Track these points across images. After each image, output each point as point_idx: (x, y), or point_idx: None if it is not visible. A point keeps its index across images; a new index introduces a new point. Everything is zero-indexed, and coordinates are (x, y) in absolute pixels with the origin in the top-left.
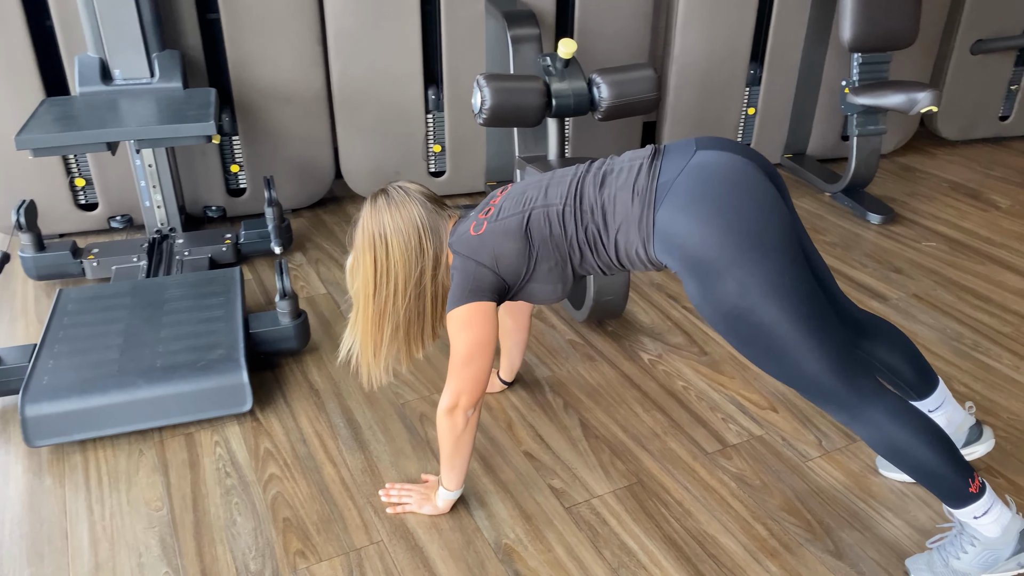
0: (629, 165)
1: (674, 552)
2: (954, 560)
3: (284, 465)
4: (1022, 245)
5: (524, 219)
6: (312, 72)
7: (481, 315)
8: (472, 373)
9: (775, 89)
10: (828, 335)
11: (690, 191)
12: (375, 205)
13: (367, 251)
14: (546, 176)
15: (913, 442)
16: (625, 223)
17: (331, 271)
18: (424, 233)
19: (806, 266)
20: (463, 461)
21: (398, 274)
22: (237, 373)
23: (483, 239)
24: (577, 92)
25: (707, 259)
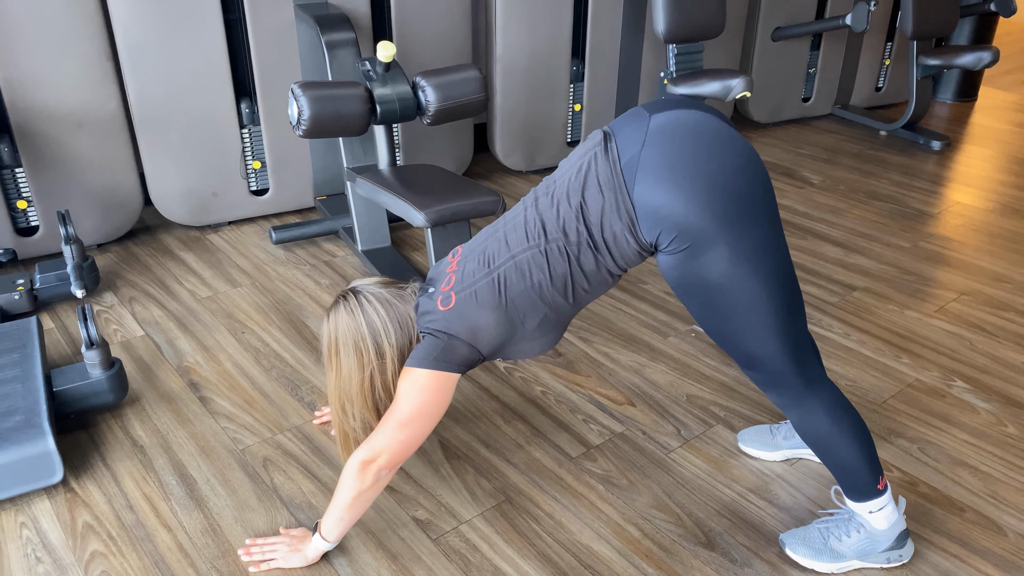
0: (580, 164)
1: (550, 569)
2: (835, 540)
3: (108, 539)
4: (836, 217)
5: (496, 281)
6: (104, 91)
7: (440, 385)
8: (406, 436)
9: (598, 84)
10: (797, 316)
11: (661, 158)
12: (330, 318)
13: (331, 367)
14: (499, 224)
15: (840, 438)
16: (606, 220)
17: (148, 310)
18: (385, 329)
19: (782, 238)
20: (355, 517)
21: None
22: (40, 440)
23: (456, 312)
24: (402, 96)
25: (698, 225)
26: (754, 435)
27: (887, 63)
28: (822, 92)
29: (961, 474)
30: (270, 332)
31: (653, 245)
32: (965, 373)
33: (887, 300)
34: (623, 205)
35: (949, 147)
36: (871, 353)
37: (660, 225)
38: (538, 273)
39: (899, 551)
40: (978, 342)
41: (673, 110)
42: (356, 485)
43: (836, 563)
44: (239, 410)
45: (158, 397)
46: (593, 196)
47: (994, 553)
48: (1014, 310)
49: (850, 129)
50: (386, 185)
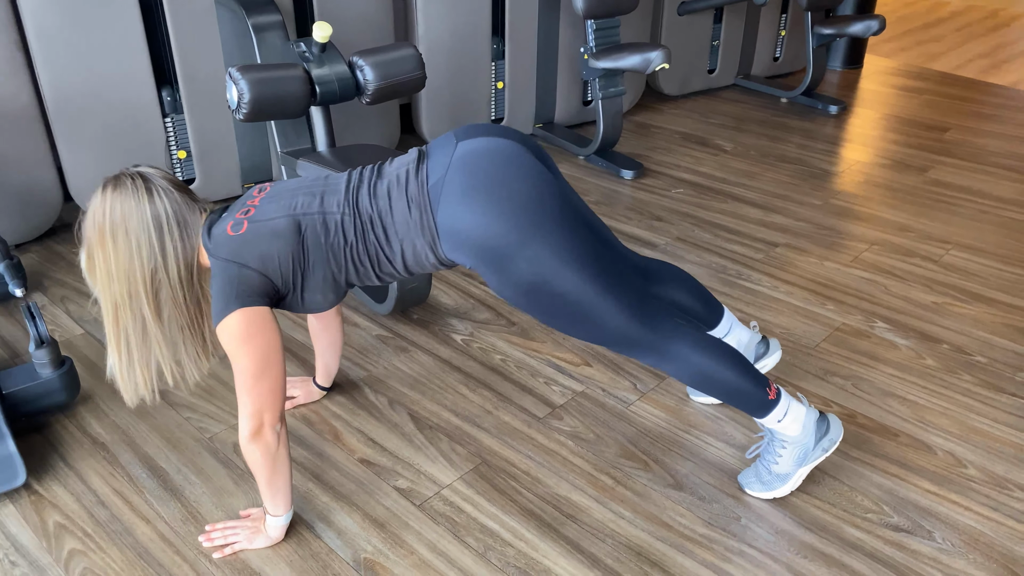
0: (397, 174)
1: (534, 522)
2: (773, 465)
3: (85, 536)
4: (751, 180)
5: (296, 223)
6: (14, 82)
7: (256, 320)
8: (268, 385)
9: (519, 62)
10: (622, 289)
11: (462, 184)
12: (107, 193)
13: (98, 248)
14: (317, 182)
15: (716, 367)
16: (408, 234)
17: (83, 307)
18: (167, 226)
19: (585, 228)
20: (285, 482)
21: (137, 274)
22: (0, 444)
23: (245, 239)
24: (340, 77)
25: (496, 245)
26: None
27: (783, 34)
28: (725, 64)
29: (892, 404)
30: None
31: (451, 261)
32: (884, 315)
33: (807, 253)
34: (427, 225)
35: (845, 111)
36: (799, 302)
37: (460, 246)
38: (339, 237)
39: (828, 436)
40: (891, 286)
41: (479, 138)
42: (265, 454)
43: (786, 483)
44: (199, 400)
45: (111, 394)
46: (401, 209)
47: (928, 470)
48: (919, 256)
49: (753, 98)
50: (334, 165)
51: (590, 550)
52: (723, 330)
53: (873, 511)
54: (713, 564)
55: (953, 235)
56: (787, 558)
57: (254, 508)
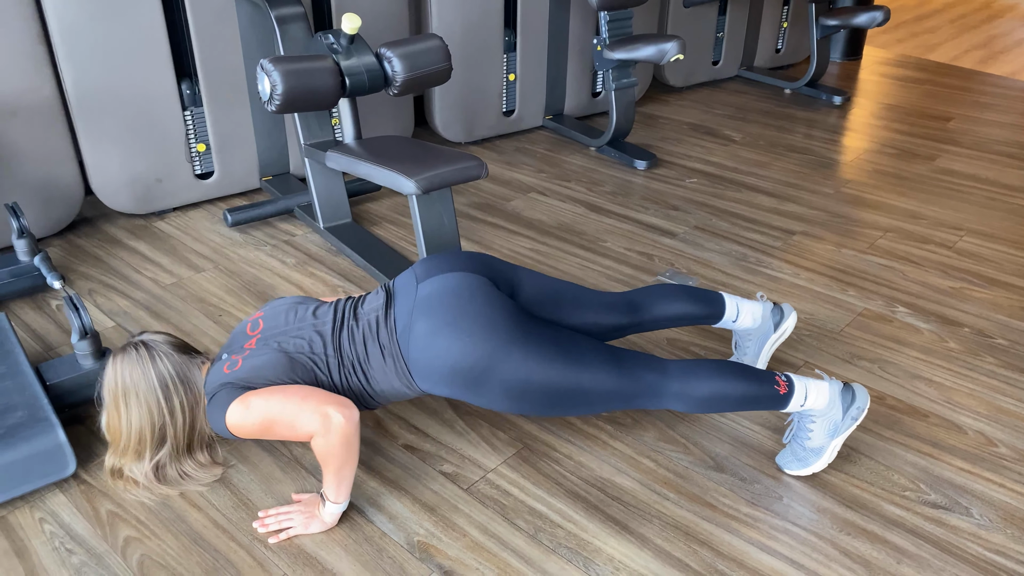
0: (368, 320)
1: (581, 504)
2: (807, 441)
3: (139, 523)
4: (762, 170)
5: (288, 358)
6: (38, 77)
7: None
8: (301, 397)
9: (530, 54)
10: (592, 361)
11: (426, 327)
12: (117, 363)
13: (115, 410)
14: (306, 324)
15: (713, 389)
16: (385, 378)
17: (112, 300)
18: (175, 386)
19: (541, 327)
20: (353, 470)
21: (147, 430)
22: (51, 434)
23: (237, 374)
24: (369, 68)
25: (467, 372)
26: None
27: (784, 26)
28: (729, 55)
29: (919, 386)
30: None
31: (429, 392)
32: (904, 300)
33: (824, 241)
34: (401, 370)
35: (848, 101)
36: (820, 288)
37: (436, 380)
38: (328, 376)
39: (855, 405)
40: (909, 272)
41: (435, 276)
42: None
43: (821, 456)
44: None
45: None
46: (376, 356)
47: (960, 449)
48: (933, 242)
49: (757, 89)
50: (364, 156)
51: (639, 530)
52: (732, 314)
53: (910, 489)
54: (759, 542)
55: (965, 222)
56: (831, 535)
57: (305, 493)
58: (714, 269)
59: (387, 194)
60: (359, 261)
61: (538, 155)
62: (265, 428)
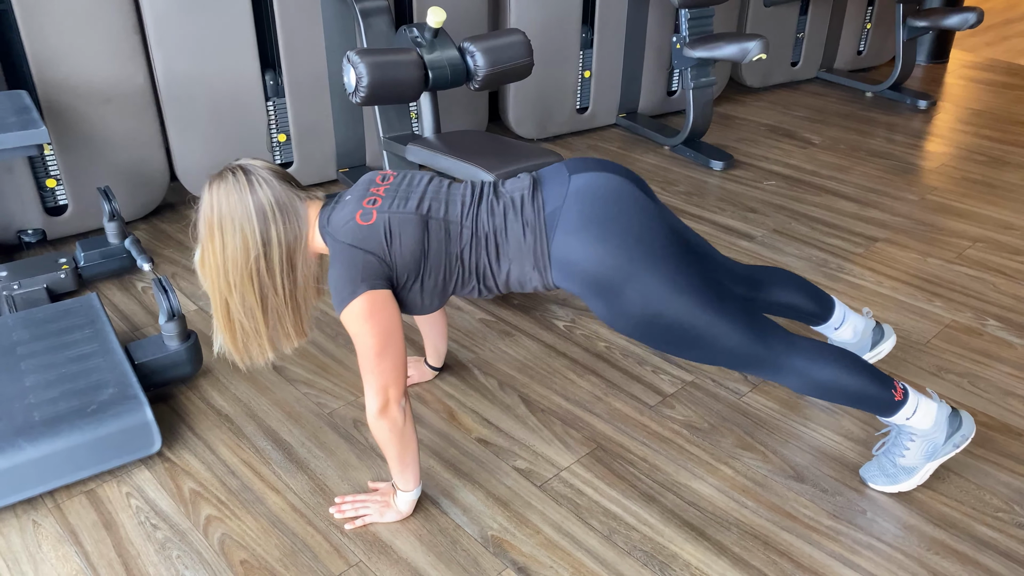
0: (512, 196)
1: (656, 507)
2: (900, 458)
3: (219, 503)
4: (842, 174)
5: (424, 223)
6: (131, 65)
7: (379, 302)
8: (391, 362)
9: (606, 51)
10: (731, 310)
11: (578, 217)
12: (213, 189)
13: (208, 242)
14: (441, 190)
15: (835, 376)
16: (518, 257)
17: (194, 284)
18: (270, 214)
19: (691, 256)
20: (414, 457)
21: (240, 261)
22: (139, 411)
23: (374, 228)
24: (452, 62)
25: (607, 277)
26: None
27: (868, 27)
28: (809, 56)
29: (1012, 403)
30: (324, 300)
31: (556, 288)
32: (995, 313)
33: (908, 249)
34: (540, 250)
35: (933, 106)
36: (905, 298)
37: (572, 276)
38: (457, 247)
39: (960, 432)
40: (1001, 284)
41: (591, 172)
42: (393, 430)
43: (913, 476)
44: (316, 376)
45: (229, 368)
46: (515, 232)
47: None
48: None
49: (836, 91)
50: (444, 150)
51: (716, 537)
52: (838, 320)
53: (1003, 510)
54: (842, 556)
55: None
56: (918, 553)
57: (381, 482)
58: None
59: None
60: None
61: (611, 153)
62: (355, 339)
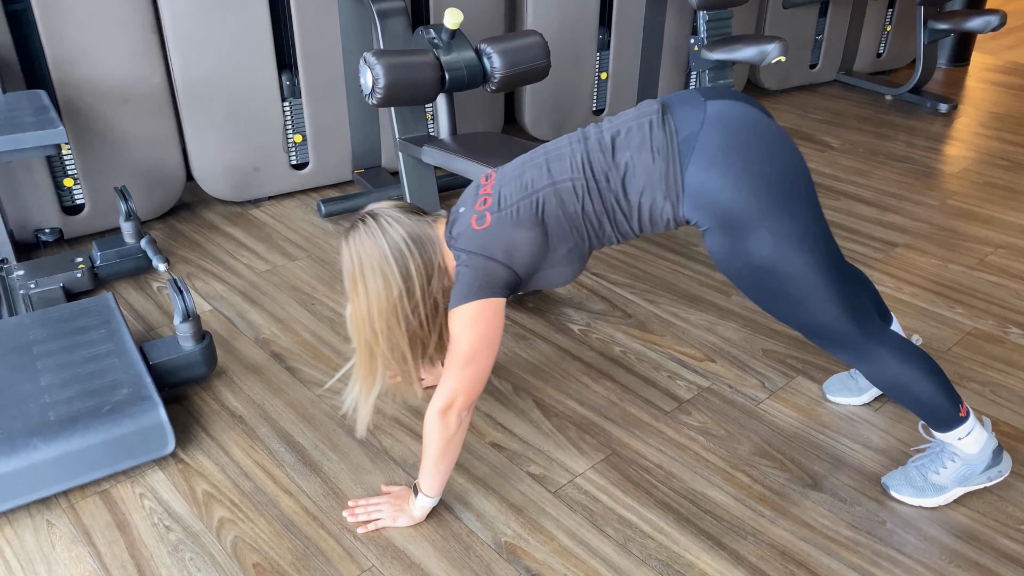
0: (637, 124)
1: (672, 516)
2: (933, 474)
3: (232, 505)
4: (862, 178)
5: (535, 203)
6: (149, 65)
7: (490, 311)
8: (473, 372)
9: (623, 53)
10: (842, 281)
11: (718, 144)
12: (349, 243)
13: (354, 293)
14: (539, 154)
15: (914, 377)
16: (649, 185)
17: (209, 284)
18: (409, 249)
19: (821, 213)
20: (449, 466)
21: (385, 304)
22: (153, 412)
23: (491, 232)
24: (469, 64)
25: (742, 212)
26: (837, 384)
27: (888, 29)
28: (827, 59)
29: None
30: (339, 303)
31: (687, 221)
32: (1018, 320)
33: (929, 255)
34: (673, 179)
35: (955, 110)
36: (926, 304)
37: (705, 207)
38: (574, 203)
39: (997, 467)
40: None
41: (726, 100)
42: (442, 433)
43: (940, 495)
44: (330, 379)
45: (244, 369)
46: (644, 160)
47: None
48: None
49: (855, 94)
50: (461, 152)
51: (732, 547)
52: None
53: None
54: (861, 567)
55: None
56: (939, 566)
57: (395, 485)
58: None
59: None
60: None
61: None
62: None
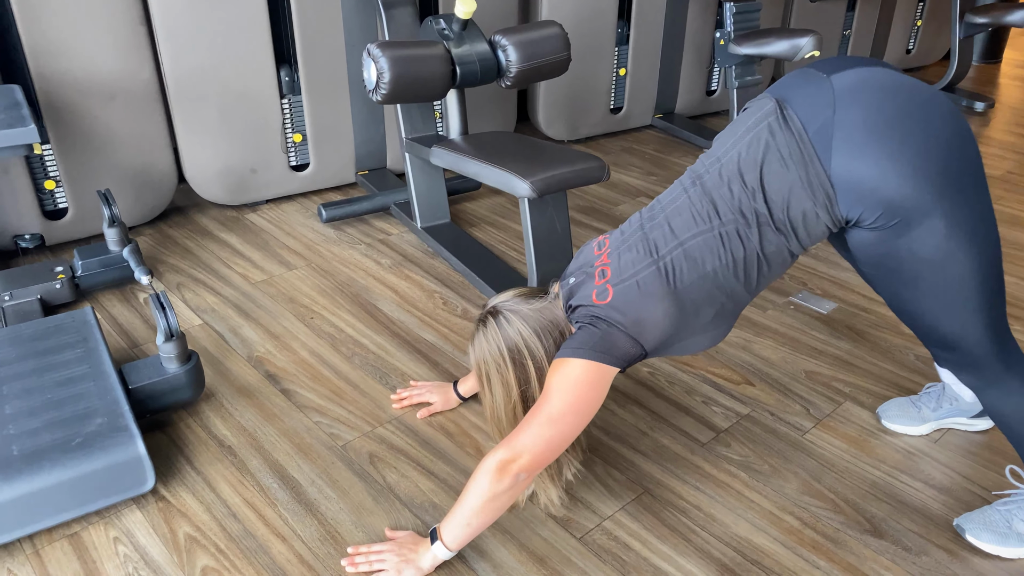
0: (755, 135)
1: (715, 566)
2: (1019, 523)
3: (217, 552)
4: None
5: (663, 270)
6: (137, 59)
7: (597, 378)
8: (552, 435)
9: (643, 48)
10: (999, 291)
11: (861, 124)
12: (475, 345)
13: (483, 393)
14: (655, 211)
15: None
16: (793, 199)
17: (200, 296)
18: (526, 345)
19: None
20: (483, 525)
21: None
22: (129, 445)
23: (614, 307)
24: (482, 57)
25: (910, 198)
26: (896, 409)
27: (919, 24)
28: (856, 54)
29: None
30: (341, 317)
31: (847, 221)
32: None
33: None
34: (816, 181)
35: (992, 108)
36: None
37: (864, 201)
38: (713, 259)
39: None
40: None
41: (853, 69)
42: (491, 488)
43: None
44: (328, 403)
45: (235, 391)
46: (775, 172)
47: None
48: None
49: None
50: (473, 154)
51: None
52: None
53: None
54: None
55: None
56: None
57: (401, 531)
58: (852, 292)
59: (486, 193)
60: (457, 265)
61: (647, 156)
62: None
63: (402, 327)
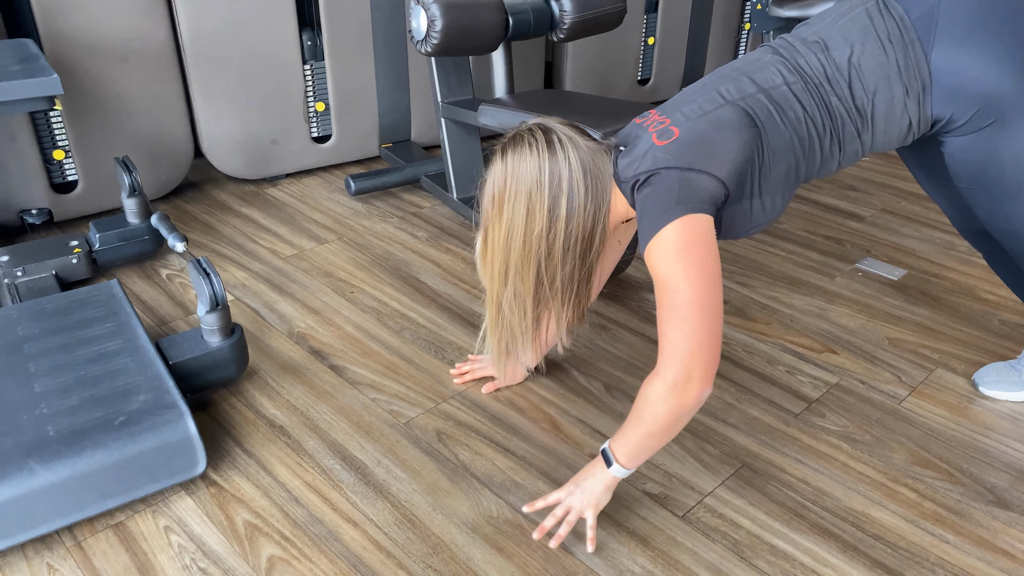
0: (850, 18)
1: (835, 543)
2: None
3: (283, 540)
4: None
5: (742, 109)
6: (152, 20)
7: (700, 230)
8: (706, 321)
9: (672, 16)
10: None
11: (967, 13)
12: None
13: (493, 222)
14: (727, 72)
15: None
16: (884, 83)
17: (228, 271)
18: (573, 181)
19: None
20: (661, 444)
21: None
22: (179, 422)
23: (683, 141)
24: (536, 7)
25: (1011, 93)
26: (993, 375)
27: None
28: None
29: None
30: (383, 291)
31: (935, 122)
32: None
33: None
34: (915, 68)
35: None
36: None
37: (960, 96)
38: (796, 108)
39: None
40: None
41: None
42: (674, 412)
43: None
44: (383, 379)
45: (279, 368)
46: (872, 53)
47: None
48: None
49: None
50: (531, 109)
51: None
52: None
53: None
54: None
55: None
56: None
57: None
58: (919, 258)
59: None
60: None
61: None
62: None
63: (450, 300)
